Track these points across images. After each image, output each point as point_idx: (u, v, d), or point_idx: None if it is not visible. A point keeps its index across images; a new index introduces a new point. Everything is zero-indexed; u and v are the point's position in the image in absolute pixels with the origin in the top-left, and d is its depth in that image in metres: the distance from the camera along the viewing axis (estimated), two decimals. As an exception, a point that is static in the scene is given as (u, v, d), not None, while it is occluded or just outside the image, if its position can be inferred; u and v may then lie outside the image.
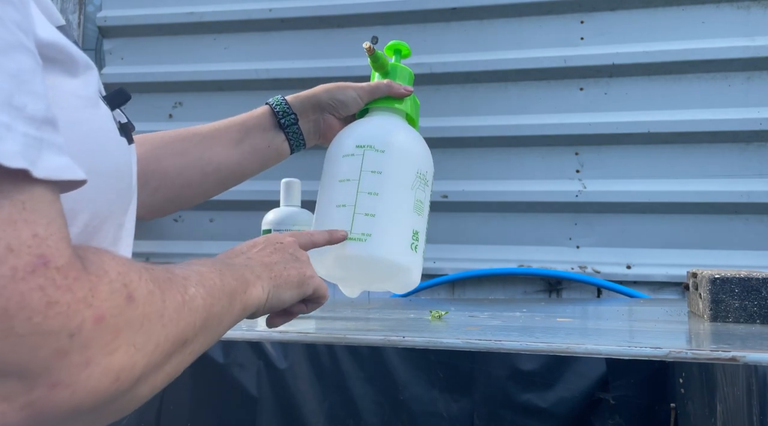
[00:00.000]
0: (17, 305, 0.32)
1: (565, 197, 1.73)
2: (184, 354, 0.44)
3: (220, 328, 0.51)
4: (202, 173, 0.83)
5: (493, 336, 0.78)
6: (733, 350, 0.66)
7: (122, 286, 0.37)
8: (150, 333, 0.38)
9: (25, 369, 0.32)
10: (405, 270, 0.82)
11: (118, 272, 0.37)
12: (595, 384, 1.55)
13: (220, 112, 1.94)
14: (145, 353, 0.38)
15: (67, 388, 0.34)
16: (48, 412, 0.34)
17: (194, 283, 0.46)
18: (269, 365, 1.67)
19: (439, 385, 1.62)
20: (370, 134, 0.84)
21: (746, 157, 1.66)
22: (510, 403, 1.57)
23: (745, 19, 1.67)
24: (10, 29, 0.36)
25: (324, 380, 1.66)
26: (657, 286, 1.69)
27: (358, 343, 0.77)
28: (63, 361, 0.33)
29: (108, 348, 0.35)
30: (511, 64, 1.77)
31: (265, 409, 1.67)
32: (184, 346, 0.44)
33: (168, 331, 0.40)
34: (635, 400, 1.54)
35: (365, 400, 1.64)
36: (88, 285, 0.35)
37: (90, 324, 0.34)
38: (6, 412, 0.32)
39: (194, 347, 0.46)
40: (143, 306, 0.38)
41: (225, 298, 0.51)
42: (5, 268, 0.32)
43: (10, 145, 0.33)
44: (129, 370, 0.37)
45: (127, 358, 0.36)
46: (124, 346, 0.36)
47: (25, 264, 0.32)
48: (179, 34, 1.99)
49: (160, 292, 0.40)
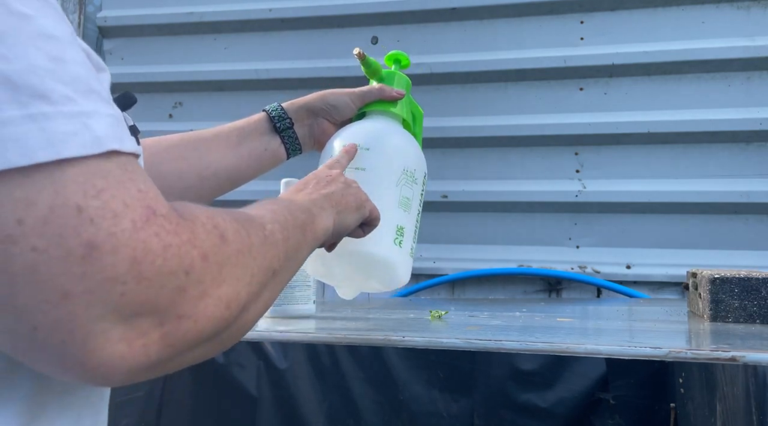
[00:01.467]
0: (142, 252, 0.36)
1: (565, 197, 1.73)
2: (275, 282, 0.49)
3: (299, 257, 0.56)
4: (200, 177, 0.84)
5: (493, 336, 0.78)
6: (733, 350, 0.66)
7: (213, 227, 0.41)
8: (245, 265, 0.43)
9: (156, 306, 0.37)
10: (387, 264, 0.83)
11: (207, 216, 0.42)
12: (595, 384, 1.55)
13: (220, 112, 1.96)
14: (245, 283, 0.43)
15: (190, 318, 0.38)
16: (180, 341, 0.38)
17: (270, 220, 0.51)
18: (269, 365, 1.67)
19: (439, 385, 1.62)
20: (358, 134, 0.87)
21: (746, 157, 1.66)
22: (510, 403, 1.57)
23: (745, 19, 1.67)
24: (67, 23, 0.40)
25: (324, 380, 1.66)
26: (657, 286, 1.69)
27: (358, 343, 0.77)
28: (184, 295, 0.38)
29: (216, 281, 0.40)
30: (511, 64, 1.77)
31: (265, 409, 1.67)
32: (274, 275, 0.48)
33: (259, 263, 0.45)
34: (635, 400, 1.54)
35: (365, 400, 1.64)
36: (189, 228, 0.39)
37: (199, 261, 0.38)
38: (148, 344, 0.37)
39: (282, 276, 0.51)
40: (234, 243, 0.42)
41: (298, 230, 0.56)
42: (126, 221, 0.36)
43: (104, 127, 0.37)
44: (235, 298, 0.41)
45: (232, 288, 0.41)
46: (228, 278, 0.41)
47: (140, 216, 0.36)
48: (179, 34, 1.99)
49: (245, 230, 0.45)
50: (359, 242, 0.78)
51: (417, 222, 0.87)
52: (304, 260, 0.58)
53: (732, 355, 0.65)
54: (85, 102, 0.37)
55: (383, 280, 0.85)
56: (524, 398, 1.57)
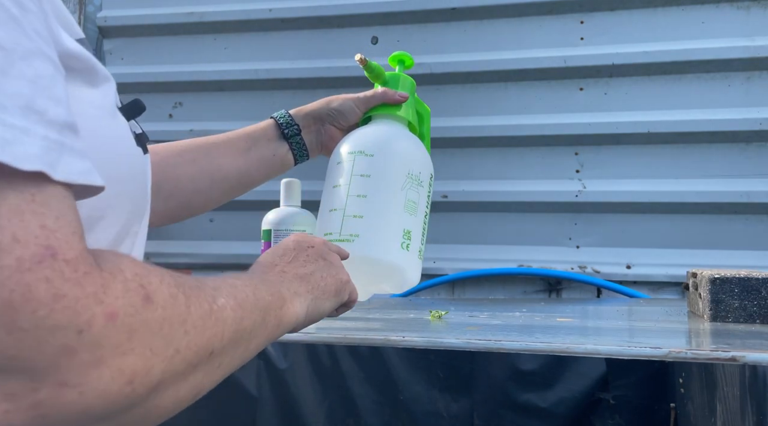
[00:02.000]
0: (22, 297, 0.30)
1: (565, 197, 1.73)
2: (212, 366, 0.42)
3: (251, 344, 0.49)
4: (211, 180, 0.86)
5: (493, 336, 0.78)
6: (733, 350, 0.66)
7: (139, 286, 0.36)
8: (170, 338, 0.37)
9: (31, 366, 0.31)
10: (396, 268, 0.84)
11: (135, 273, 0.36)
12: (595, 384, 1.55)
13: (220, 112, 1.96)
14: (163, 358, 0.36)
15: (75, 388, 0.32)
16: (56, 415, 0.32)
17: (225, 294, 0.45)
18: (269, 365, 1.67)
19: (439, 385, 1.62)
20: (362, 141, 0.87)
21: (746, 157, 1.66)
22: (510, 402, 1.57)
23: (744, 19, 1.67)
24: (30, 36, 0.36)
25: (324, 380, 1.66)
26: (657, 286, 1.69)
27: (358, 343, 0.78)
28: (71, 359, 0.31)
29: (121, 349, 0.33)
30: (511, 64, 1.77)
31: (265, 408, 1.67)
32: (211, 357, 0.42)
33: (191, 339, 0.39)
34: (635, 400, 1.54)
35: (365, 400, 1.64)
36: (100, 281, 0.33)
37: (101, 321, 0.32)
38: (11, 411, 0.31)
39: (223, 360, 0.44)
40: (163, 309, 0.36)
41: (257, 312, 0.49)
42: (10, 258, 0.30)
43: (27, 147, 0.32)
44: (144, 374, 0.35)
45: (142, 361, 0.35)
46: (138, 348, 0.34)
47: (32, 254, 0.31)
48: (179, 34, 1.99)
49: (185, 298, 0.39)
50: (367, 249, 0.80)
51: (424, 223, 0.88)
52: (259, 347, 0.50)
53: (732, 355, 0.65)
54: (18, 119, 0.33)
55: (394, 283, 0.86)
56: (524, 398, 1.57)
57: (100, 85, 0.48)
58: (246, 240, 1.78)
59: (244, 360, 0.49)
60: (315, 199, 1.23)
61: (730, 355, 0.65)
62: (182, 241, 1.94)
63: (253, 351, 0.49)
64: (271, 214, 1.12)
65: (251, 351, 0.49)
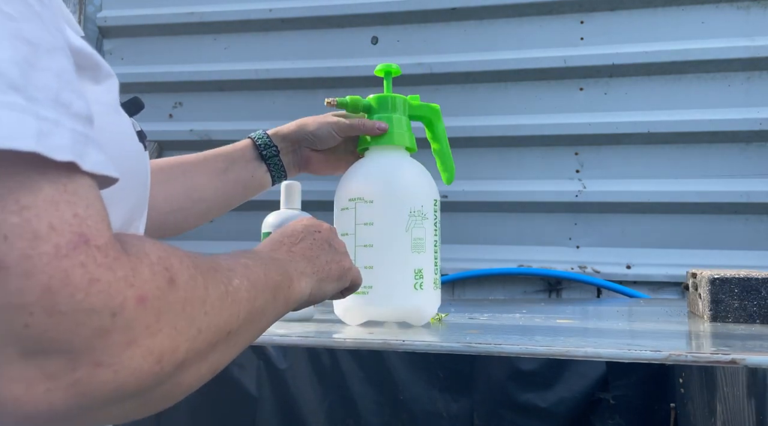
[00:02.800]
0: (60, 282, 0.32)
1: (565, 197, 1.73)
2: (229, 345, 0.44)
3: (263, 321, 0.51)
4: (189, 199, 0.86)
5: (493, 338, 0.78)
6: (733, 353, 0.66)
7: (163, 269, 0.37)
8: (192, 318, 0.38)
9: (69, 347, 0.32)
10: (412, 310, 0.87)
11: (158, 256, 0.37)
12: (594, 384, 1.55)
13: (220, 112, 1.96)
14: (187, 337, 0.38)
15: (109, 367, 0.33)
16: (93, 392, 0.33)
17: (239, 275, 0.47)
18: (269, 365, 1.67)
19: (438, 385, 1.63)
20: (361, 185, 0.88)
21: (746, 157, 1.66)
22: (510, 403, 1.58)
23: (744, 19, 1.67)
24: (51, 31, 0.37)
25: (324, 380, 1.66)
26: (657, 286, 1.69)
27: (357, 346, 0.78)
28: (106, 340, 0.33)
29: (150, 329, 0.35)
30: (511, 64, 1.77)
31: (265, 409, 1.67)
32: (228, 336, 0.43)
33: (211, 319, 0.40)
34: (635, 400, 1.54)
35: (365, 400, 1.64)
36: (129, 265, 0.35)
37: (132, 304, 0.34)
38: (52, 390, 0.32)
39: (238, 339, 0.46)
40: (184, 290, 0.38)
41: (269, 292, 0.51)
42: (48, 245, 0.32)
43: (59, 139, 0.34)
44: (171, 352, 0.36)
45: (169, 340, 0.36)
46: (166, 329, 0.36)
47: (67, 242, 0.32)
48: (179, 34, 1.99)
49: (203, 279, 0.40)
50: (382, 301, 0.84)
51: (435, 252, 0.89)
52: (269, 325, 0.53)
53: (732, 357, 0.65)
54: (50, 112, 0.34)
55: (413, 320, 0.89)
56: (524, 398, 1.57)
57: (104, 82, 0.49)
58: (245, 240, 1.78)
59: (255, 337, 0.51)
60: (315, 200, 1.23)
61: (730, 358, 0.65)
62: (182, 241, 1.93)
63: (263, 328, 0.52)
64: (270, 217, 1.11)
65: (262, 328, 0.51)
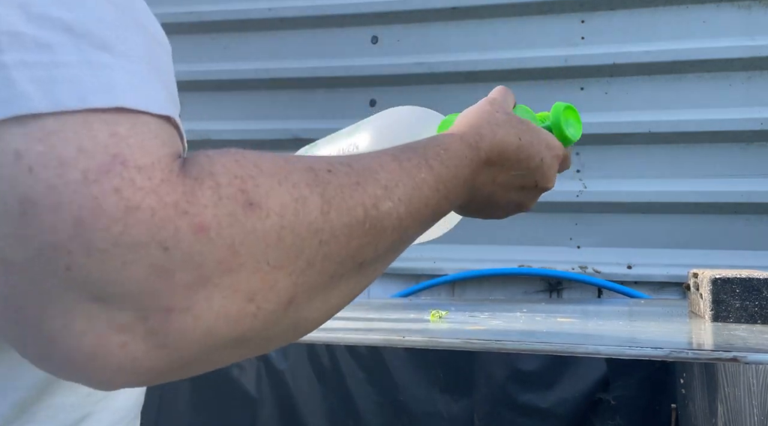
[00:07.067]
0: (91, 213, 0.27)
1: (566, 197, 1.73)
2: (363, 275, 0.38)
3: (405, 247, 0.42)
4: None
5: (493, 336, 0.77)
6: (734, 350, 0.65)
7: (238, 191, 0.30)
8: (296, 249, 0.32)
9: (127, 291, 0.28)
10: None
11: (234, 176, 0.31)
12: (595, 384, 1.55)
13: (219, 112, 1.96)
14: (290, 271, 0.32)
15: (186, 312, 0.29)
16: (177, 343, 0.29)
17: (399, 195, 0.38)
18: (269, 366, 1.67)
19: (439, 386, 1.62)
20: None
21: (747, 156, 1.66)
22: (510, 403, 1.57)
23: (746, 18, 1.66)
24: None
25: (324, 381, 1.66)
26: (658, 287, 1.69)
27: (358, 343, 0.77)
28: (167, 280, 0.28)
29: (225, 265, 0.29)
30: (512, 64, 1.77)
31: (265, 409, 1.67)
32: (361, 267, 0.37)
33: (330, 250, 0.34)
34: (636, 401, 1.54)
35: (365, 401, 1.64)
36: (182, 189, 0.29)
37: (188, 235, 0.28)
38: (128, 343, 0.28)
39: (377, 267, 0.39)
40: (279, 216, 0.31)
41: (428, 222, 0.42)
42: (75, 171, 0.27)
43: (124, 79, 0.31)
44: (267, 289, 0.31)
45: (260, 276, 0.30)
46: (250, 263, 0.30)
47: (99, 164, 0.27)
48: (178, 33, 1.99)
49: (322, 202, 0.33)
50: None
51: None
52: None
53: (733, 355, 0.65)
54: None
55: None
56: (525, 399, 1.57)
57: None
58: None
59: (392, 261, 0.42)
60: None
61: (732, 356, 0.65)
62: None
63: (401, 252, 0.43)
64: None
65: (401, 252, 0.43)
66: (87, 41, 0.30)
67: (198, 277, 0.29)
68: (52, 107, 0.28)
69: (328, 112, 1.89)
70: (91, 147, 0.28)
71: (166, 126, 0.31)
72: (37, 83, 0.28)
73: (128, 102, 0.29)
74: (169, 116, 0.32)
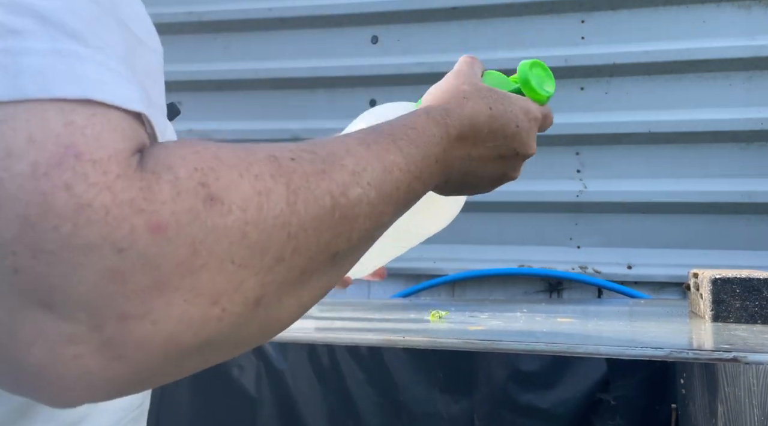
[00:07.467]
0: (38, 210, 0.24)
1: (566, 197, 1.73)
2: (336, 267, 0.35)
3: (381, 233, 0.40)
4: None
5: (493, 336, 0.77)
6: (735, 350, 0.65)
7: (198, 185, 0.28)
8: (262, 246, 0.29)
9: (78, 298, 0.25)
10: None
11: (194, 168, 0.28)
12: (595, 384, 1.55)
13: (219, 112, 1.96)
14: (256, 269, 0.29)
15: (143, 319, 0.26)
16: (137, 353, 0.26)
17: (367, 180, 0.36)
18: (269, 366, 1.67)
19: (439, 386, 1.62)
20: None
21: (747, 156, 1.66)
22: (510, 403, 1.57)
23: (746, 18, 1.66)
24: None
25: (324, 381, 1.66)
26: (658, 287, 1.69)
27: (358, 343, 0.77)
28: (122, 285, 0.25)
29: (186, 266, 0.27)
30: (511, 64, 1.76)
31: (265, 410, 1.67)
32: (335, 259, 0.34)
33: (299, 243, 0.31)
34: (636, 401, 1.54)
35: (365, 401, 1.64)
36: (138, 184, 0.26)
37: (145, 235, 0.26)
38: (81, 355, 0.26)
39: (352, 257, 0.37)
40: (242, 211, 0.29)
41: (402, 206, 0.40)
42: (23, 164, 0.25)
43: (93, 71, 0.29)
44: (233, 291, 0.28)
45: (224, 276, 0.28)
46: (212, 262, 0.28)
47: (49, 156, 0.25)
48: (179, 33, 1.99)
49: (288, 193, 0.31)
50: None
51: None
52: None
53: (734, 355, 0.64)
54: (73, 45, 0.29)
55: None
56: (525, 399, 1.57)
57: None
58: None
59: (368, 249, 0.40)
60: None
61: (732, 356, 0.64)
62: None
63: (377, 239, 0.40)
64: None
65: (377, 239, 0.40)
66: (59, 30, 0.28)
67: (156, 280, 0.26)
68: (14, 95, 0.26)
69: (328, 112, 1.89)
70: (43, 137, 0.25)
71: (131, 121, 0.29)
72: (2, 70, 0.26)
73: (96, 94, 0.27)
74: (140, 113, 0.30)
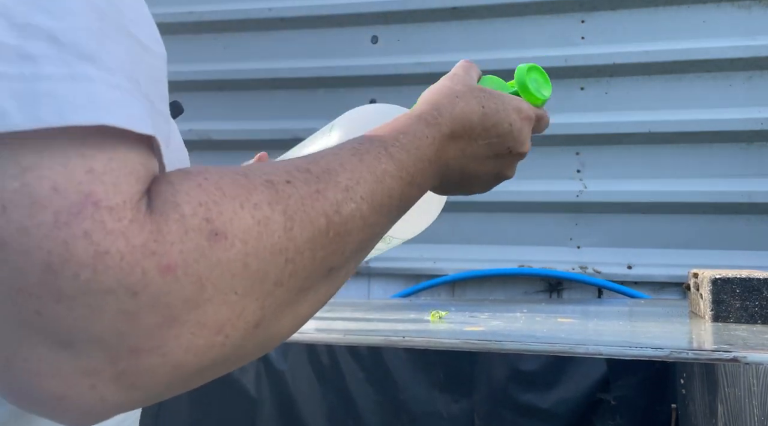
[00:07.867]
0: (60, 259, 0.26)
1: (566, 197, 1.73)
2: (332, 279, 0.37)
3: (375, 243, 0.41)
4: None
5: (493, 336, 0.77)
6: (735, 351, 0.65)
7: (202, 221, 0.29)
8: (262, 274, 0.31)
9: (95, 337, 0.27)
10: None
11: (198, 203, 0.30)
12: (595, 384, 1.55)
13: (219, 112, 1.96)
14: (257, 296, 0.31)
15: (154, 352, 0.28)
16: (147, 382, 0.29)
17: (360, 194, 0.37)
18: (269, 366, 1.67)
19: (439, 386, 1.62)
20: None
21: (747, 156, 1.66)
22: (511, 403, 1.57)
23: (746, 18, 1.66)
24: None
25: (324, 381, 1.66)
26: (658, 287, 1.69)
27: (358, 343, 0.77)
28: (135, 324, 0.27)
29: (192, 303, 0.29)
30: (512, 64, 1.76)
31: (265, 410, 1.67)
32: (330, 273, 0.36)
33: (296, 266, 0.33)
34: (636, 401, 1.54)
35: (365, 401, 1.64)
36: (149, 227, 0.28)
37: (156, 278, 0.28)
38: (97, 385, 0.28)
39: (347, 268, 0.38)
40: (243, 243, 0.30)
41: (395, 213, 0.41)
42: (47, 213, 0.26)
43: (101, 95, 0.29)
44: (236, 318, 0.30)
45: (227, 307, 0.30)
46: (217, 297, 0.29)
47: (69, 206, 0.26)
48: (179, 33, 1.99)
49: (284, 219, 0.32)
50: None
51: None
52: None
53: (734, 355, 0.64)
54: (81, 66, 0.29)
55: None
56: (525, 399, 1.57)
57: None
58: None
59: (364, 258, 0.42)
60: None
61: (732, 356, 0.64)
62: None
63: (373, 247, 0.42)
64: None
65: (373, 247, 0.42)
66: (71, 53, 0.29)
67: (166, 317, 0.28)
68: (32, 124, 0.27)
69: (328, 112, 1.87)
70: (66, 186, 0.27)
71: (144, 154, 0.31)
72: (18, 98, 0.27)
73: (110, 119, 0.28)
74: (151, 136, 0.31)
